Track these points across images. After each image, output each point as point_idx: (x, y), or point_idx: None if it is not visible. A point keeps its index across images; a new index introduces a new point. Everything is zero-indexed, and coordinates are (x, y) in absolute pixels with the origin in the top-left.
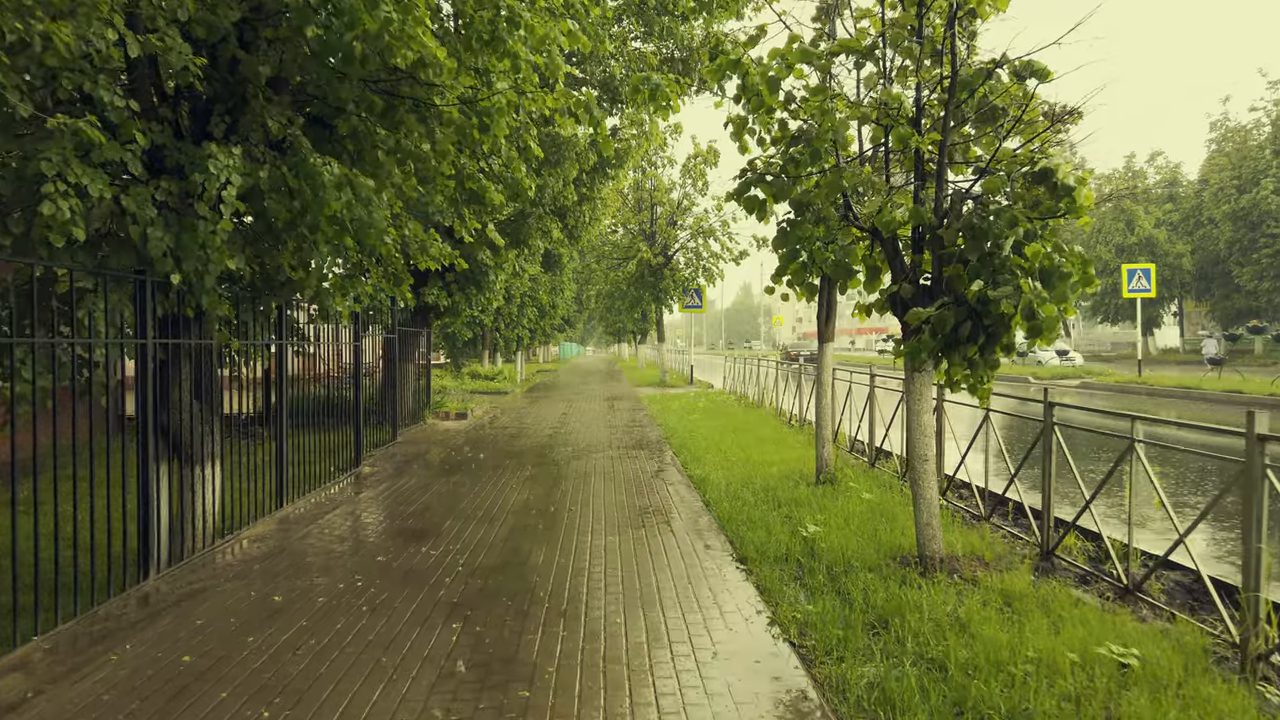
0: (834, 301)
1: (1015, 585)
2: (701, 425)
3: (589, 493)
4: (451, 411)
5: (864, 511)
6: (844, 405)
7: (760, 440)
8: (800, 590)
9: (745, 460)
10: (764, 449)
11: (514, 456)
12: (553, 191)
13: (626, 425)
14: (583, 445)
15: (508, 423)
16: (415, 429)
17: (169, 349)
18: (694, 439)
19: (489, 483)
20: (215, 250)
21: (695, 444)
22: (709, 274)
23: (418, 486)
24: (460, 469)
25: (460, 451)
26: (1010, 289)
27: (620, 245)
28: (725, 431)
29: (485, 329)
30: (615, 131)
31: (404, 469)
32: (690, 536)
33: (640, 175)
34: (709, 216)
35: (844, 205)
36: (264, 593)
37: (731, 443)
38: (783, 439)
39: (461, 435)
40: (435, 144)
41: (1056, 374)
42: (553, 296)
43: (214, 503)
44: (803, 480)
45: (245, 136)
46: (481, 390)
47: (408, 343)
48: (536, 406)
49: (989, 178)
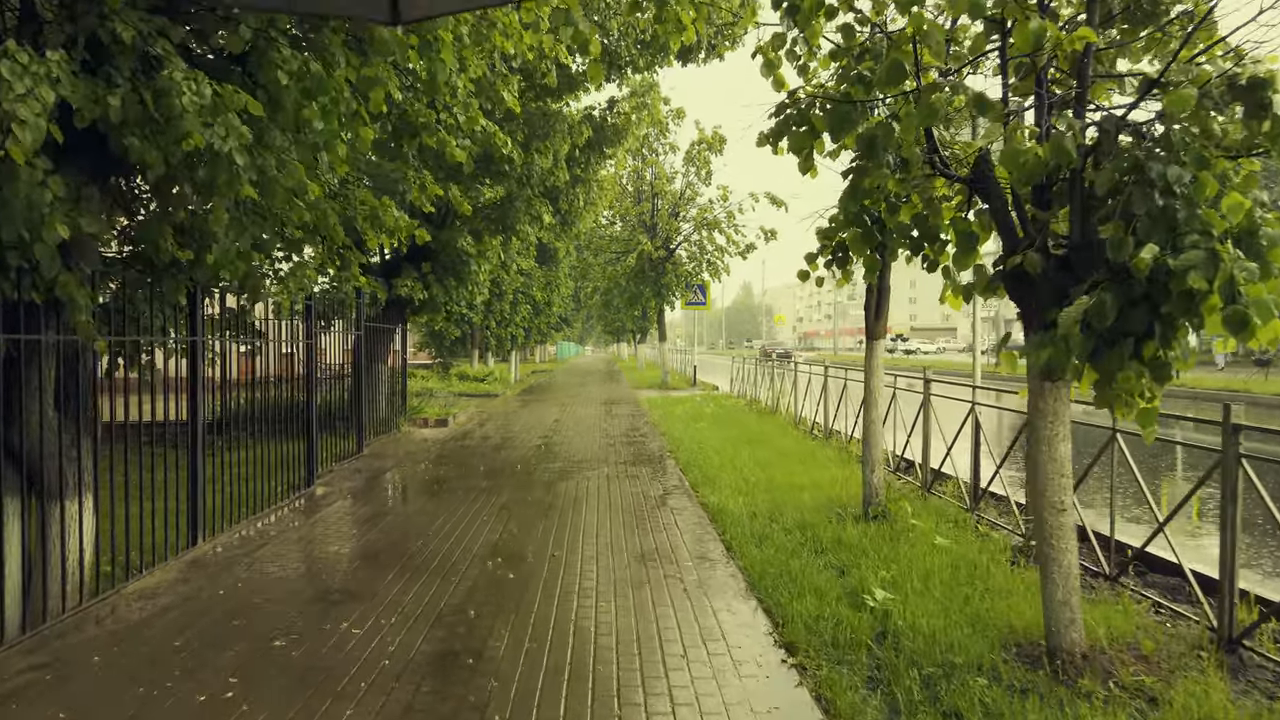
0: (888, 287)
1: (1211, 710)
2: (710, 435)
3: (577, 528)
4: (431, 418)
5: (944, 565)
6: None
7: (783, 456)
8: (884, 710)
9: (768, 482)
10: (789, 467)
11: (493, 475)
12: (541, 170)
13: (625, 434)
14: (574, 460)
15: (492, 431)
16: (387, 438)
17: (20, 346)
18: (703, 453)
19: (458, 512)
20: (46, 209)
21: (705, 459)
22: (713, 268)
23: (371, 516)
24: (428, 491)
25: (432, 468)
26: (1201, 255)
27: (619, 238)
28: (739, 444)
29: (474, 327)
30: (613, 105)
31: (363, 490)
32: (709, 600)
33: (640, 163)
34: (714, 207)
35: (928, 145)
36: (105, 693)
37: (748, 458)
38: (809, 454)
39: (438, 446)
40: (358, 68)
41: None
42: (548, 293)
43: (85, 547)
44: (846, 512)
45: (95, 48)
46: (469, 393)
47: (379, 341)
48: (527, 411)
49: (1174, 93)
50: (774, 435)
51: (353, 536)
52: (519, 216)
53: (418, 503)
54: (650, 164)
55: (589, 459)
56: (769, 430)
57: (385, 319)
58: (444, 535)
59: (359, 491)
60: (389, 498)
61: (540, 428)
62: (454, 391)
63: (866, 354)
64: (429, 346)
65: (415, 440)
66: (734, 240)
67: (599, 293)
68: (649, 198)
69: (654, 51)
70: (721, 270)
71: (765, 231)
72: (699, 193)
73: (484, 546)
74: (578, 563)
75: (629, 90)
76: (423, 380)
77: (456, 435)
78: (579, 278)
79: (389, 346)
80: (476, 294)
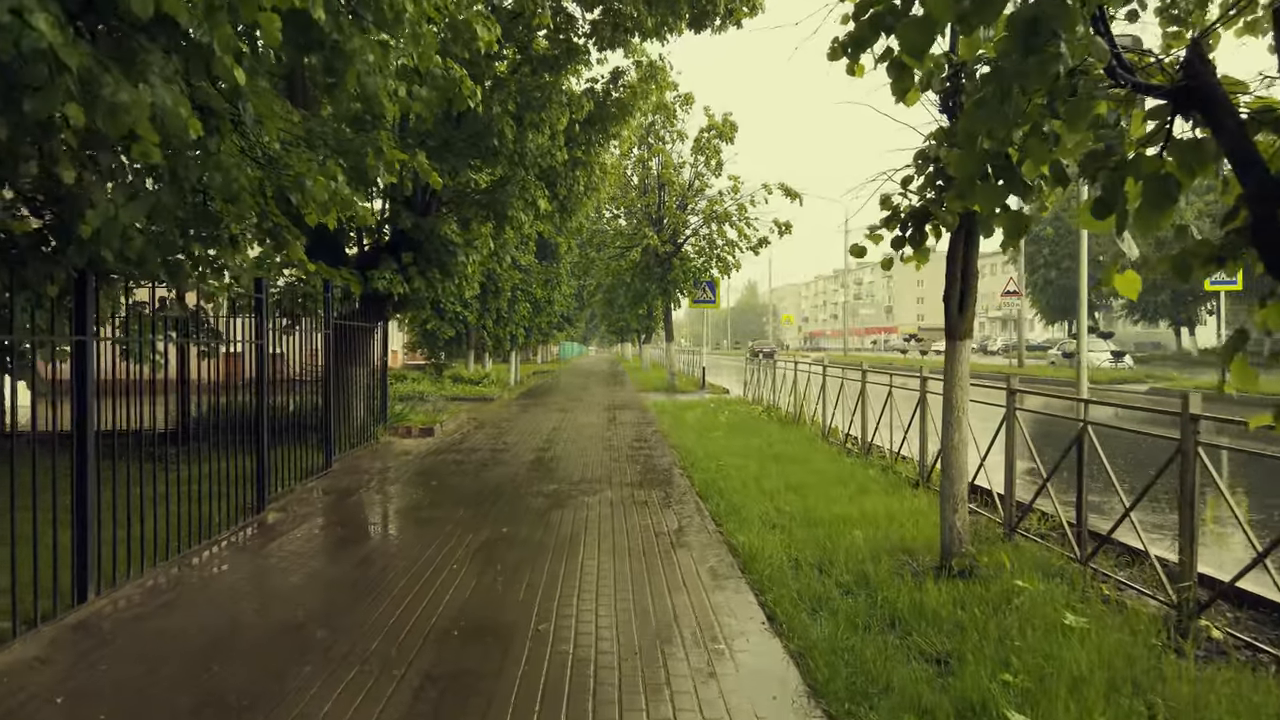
0: (974, 269)
1: None
2: (728, 449)
3: (572, 582)
4: (415, 426)
5: (1089, 660)
6: (903, 421)
7: (818, 477)
8: None
9: (806, 513)
10: (828, 492)
11: (476, 500)
12: (537, 148)
13: (631, 447)
14: (573, 479)
15: (483, 441)
16: (362, 451)
17: None
18: (723, 472)
19: (425, 554)
20: None
21: (726, 480)
22: (723, 264)
23: (317, 560)
24: (395, 522)
25: (406, 489)
26: None
27: (623, 232)
28: (763, 460)
29: (469, 326)
30: (617, 78)
31: (319, 520)
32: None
33: (646, 152)
34: (724, 200)
35: (1107, 40)
36: None
37: (777, 479)
38: (848, 475)
39: (418, 461)
40: None
41: (1115, 378)
42: (548, 290)
43: None
44: (920, 563)
45: None
46: (463, 396)
47: (355, 340)
48: (523, 418)
49: None
50: (802, 449)
51: (283, 595)
52: (512, 202)
53: (379, 539)
54: (657, 152)
55: (590, 478)
56: (795, 443)
57: (363, 316)
58: (401, 593)
59: (314, 522)
60: (345, 533)
61: (537, 437)
62: (446, 395)
63: (948, 358)
64: (422, 347)
65: (394, 453)
66: (745, 234)
67: (602, 289)
68: (655, 189)
69: (664, 11)
70: (732, 266)
71: (779, 224)
72: (708, 184)
73: (448, 612)
74: (570, 641)
75: (635, 60)
76: (413, 383)
77: (441, 446)
78: (581, 274)
79: (367, 347)
80: (466, 288)
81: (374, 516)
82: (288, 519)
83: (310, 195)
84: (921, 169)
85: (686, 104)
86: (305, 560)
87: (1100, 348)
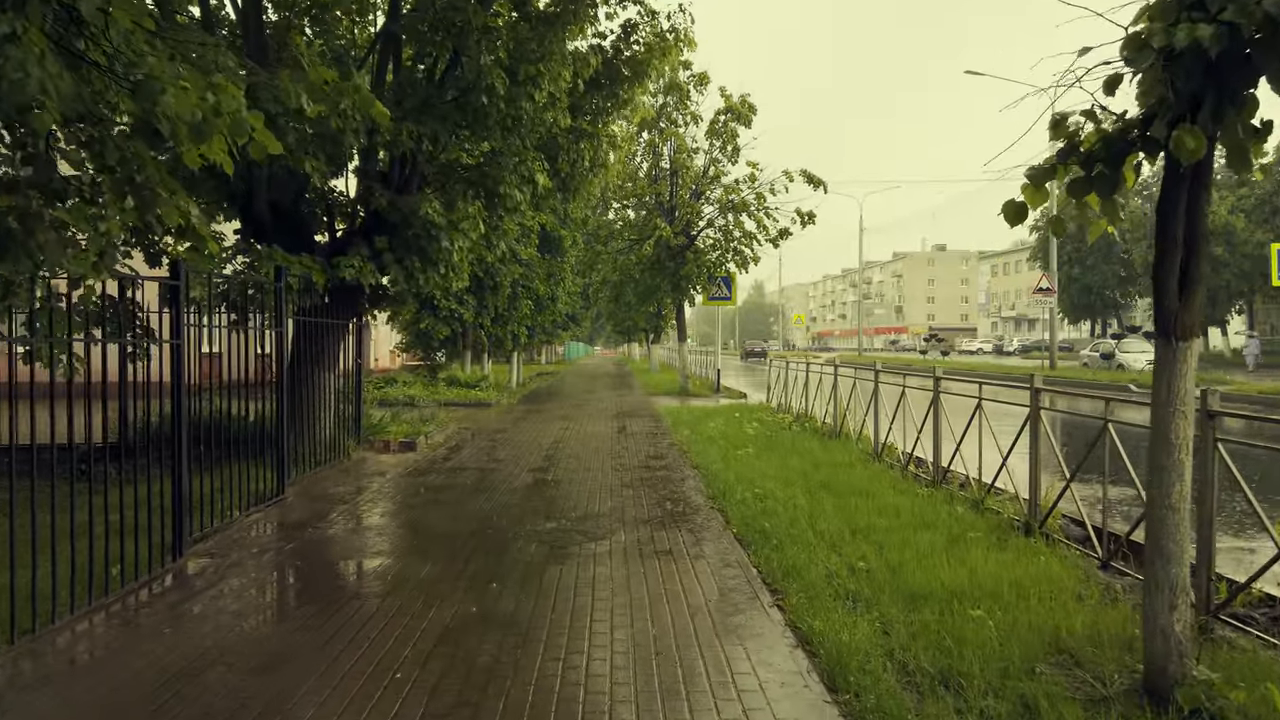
0: (1203, 228)
1: None
2: (764, 471)
3: (569, 710)
4: (394, 439)
5: None
6: (980, 439)
7: (893, 517)
8: None
9: (893, 577)
10: (913, 541)
11: (446, 551)
12: (533, 109)
13: (645, 467)
14: (574, 515)
15: (471, 459)
16: (328, 470)
17: None
18: (764, 505)
19: (360, 650)
20: None
21: (771, 519)
22: (740, 258)
23: (226, 629)
24: (341, 582)
25: (365, 529)
26: None
27: (632, 224)
28: (812, 488)
29: (465, 325)
30: (629, 32)
31: (248, 574)
32: None
33: (657, 136)
34: (741, 188)
35: None
36: None
37: (836, 517)
38: (930, 514)
39: (391, 485)
40: None
41: None
42: (551, 286)
43: None
44: (1104, 676)
45: None
46: (457, 401)
47: (322, 339)
48: (522, 427)
49: None
50: (857, 475)
51: (164, 706)
52: (505, 177)
53: (311, 611)
54: (669, 135)
55: (596, 513)
56: (845, 466)
57: (332, 311)
58: None
59: (237, 578)
60: (271, 597)
61: (534, 454)
62: (439, 400)
63: (1163, 368)
64: (416, 347)
65: (366, 473)
66: (764, 225)
67: (608, 285)
68: (666, 176)
69: None
70: (750, 260)
71: (801, 214)
72: (724, 171)
73: None
74: None
75: (649, 10)
76: (404, 386)
77: (423, 465)
78: (586, 270)
79: (336, 347)
80: (453, 279)
81: (315, 573)
82: (210, 570)
83: (171, 113)
84: (1139, 60)
85: (701, 84)
86: (201, 648)
87: (1141, 348)
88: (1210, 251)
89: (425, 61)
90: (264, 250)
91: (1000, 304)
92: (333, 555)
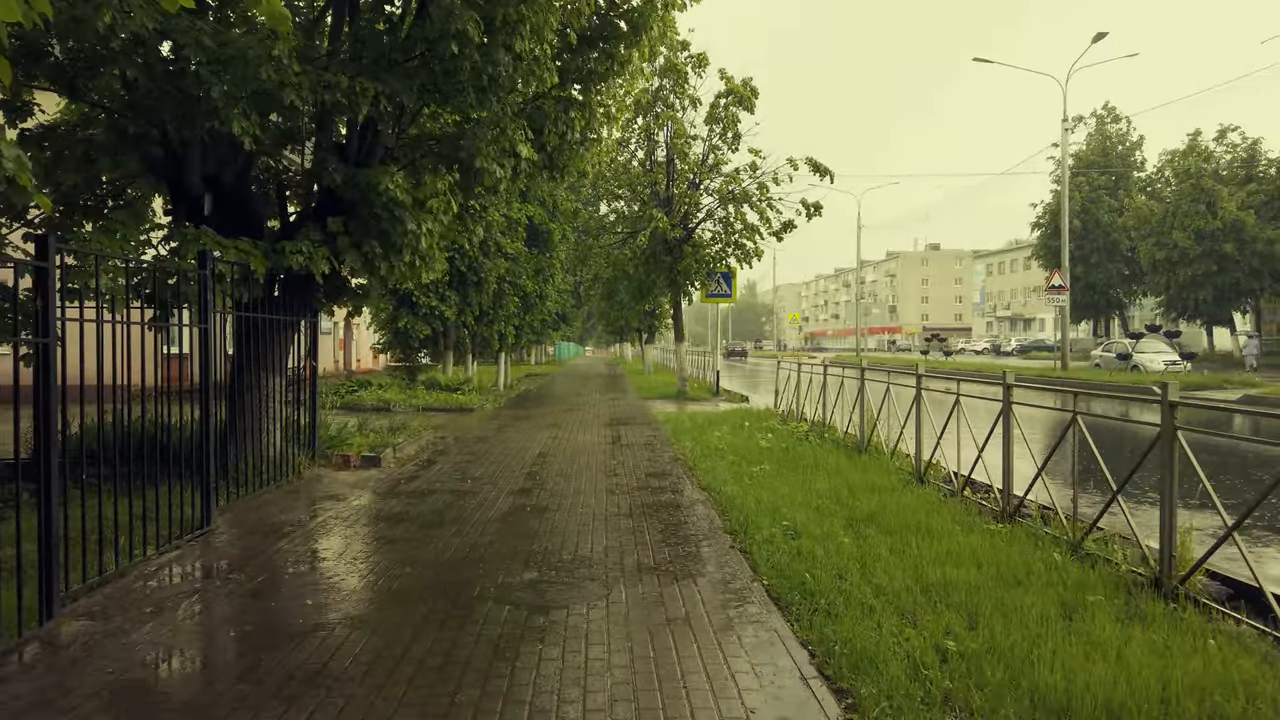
0: None
1: None
2: (789, 497)
3: None
4: (355, 453)
5: None
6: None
7: (972, 567)
8: None
9: (1006, 669)
10: (1018, 607)
11: (393, 616)
12: (513, 66)
13: (645, 489)
14: (559, 563)
15: (442, 477)
16: (272, 493)
17: None
18: (802, 548)
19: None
20: None
21: (813, 568)
22: (742, 252)
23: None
24: (242, 665)
25: (297, 581)
26: None
27: (624, 215)
28: (854, 522)
29: (447, 324)
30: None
31: (125, 652)
32: None
33: (653, 121)
34: (742, 177)
35: None
36: None
37: (898, 567)
38: (1019, 564)
39: (339, 517)
40: None
41: (1190, 383)
42: (539, 283)
43: None
44: None
45: None
46: (436, 406)
47: (267, 339)
48: (505, 437)
49: None
50: (904, 502)
51: None
52: (481, 148)
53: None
54: (666, 119)
55: (587, 558)
56: (886, 490)
57: (282, 305)
58: None
59: (109, 654)
60: (135, 695)
61: (516, 471)
62: (417, 405)
63: None
64: (394, 348)
65: (315, 497)
66: (767, 217)
67: (601, 282)
68: (663, 164)
69: None
70: (752, 254)
71: (807, 205)
72: (725, 159)
73: None
74: None
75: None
76: (379, 390)
77: (383, 487)
78: (577, 265)
79: (285, 347)
80: (422, 269)
81: (207, 651)
82: (83, 640)
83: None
84: None
85: (700, 66)
86: None
87: (1158, 348)
88: (1219, 249)
89: (389, 6)
90: (190, 232)
91: (995, 304)
92: (241, 622)
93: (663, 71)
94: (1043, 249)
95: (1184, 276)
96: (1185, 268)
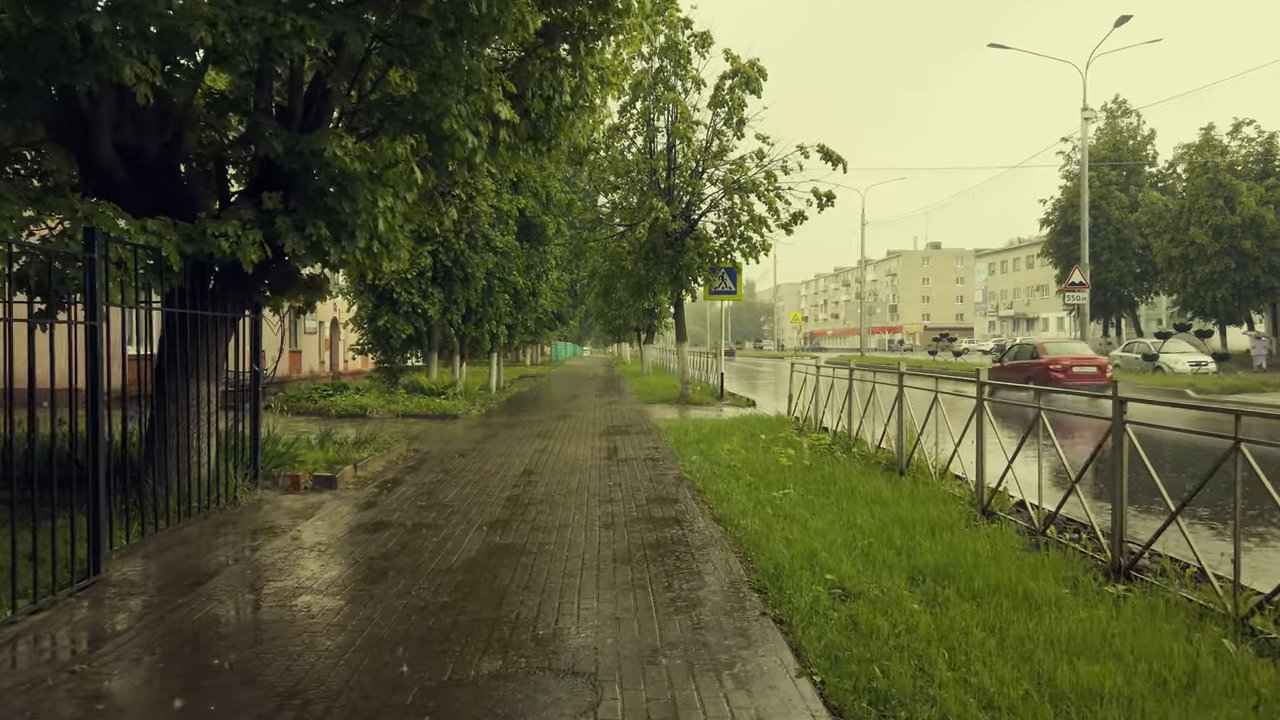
0: None
1: None
2: (824, 534)
3: None
4: (308, 472)
5: None
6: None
7: (1118, 665)
8: None
9: None
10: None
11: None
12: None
13: (647, 520)
14: (535, 642)
15: (404, 505)
16: (195, 526)
17: None
18: (859, 618)
19: None
20: None
21: (883, 655)
22: (748, 246)
23: None
24: None
25: (177, 674)
26: None
27: (621, 205)
28: (922, 576)
29: (431, 323)
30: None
31: None
32: None
33: (652, 104)
34: (748, 165)
35: None
36: None
37: (999, 655)
38: (1169, 655)
39: (266, 564)
40: None
41: (1225, 386)
42: (531, 279)
43: None
44: None
45: None
46: (417, 413)
47: (197, 339)
48: (487, 450)
49: None
50: (979, 548)
51: None
52: (450, 106)
53: None
54: (668, 102)
55: (573, 641)
56: (946, 526)
57: (216, 300)
58: None
59: None
60: None
61: (494, 494)
62: (396, 411)
63: None
64: (374, 349)
65: (246, 530)
66: (775, 208)
67: (598, 278)
68: (663, 150)
69: None
70: (759, 248)
71: (818, 195)
72: (730, 146)
73: None
74: None
75: None
76: (355, 395)
77: (332, 517)
78: (572, 260)
79: (220, 348)
80: (384, 257)
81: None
82: None
83: None
84: None
85: (703, 45)
86: None
87: (1183, 349)
88: (1238, 245)
89: None
90: (81, 206)
91: (998, 303)
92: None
93: (663, 51)
94: (1053, 246)
95: (1201, 274)
96: (1203, 264)
